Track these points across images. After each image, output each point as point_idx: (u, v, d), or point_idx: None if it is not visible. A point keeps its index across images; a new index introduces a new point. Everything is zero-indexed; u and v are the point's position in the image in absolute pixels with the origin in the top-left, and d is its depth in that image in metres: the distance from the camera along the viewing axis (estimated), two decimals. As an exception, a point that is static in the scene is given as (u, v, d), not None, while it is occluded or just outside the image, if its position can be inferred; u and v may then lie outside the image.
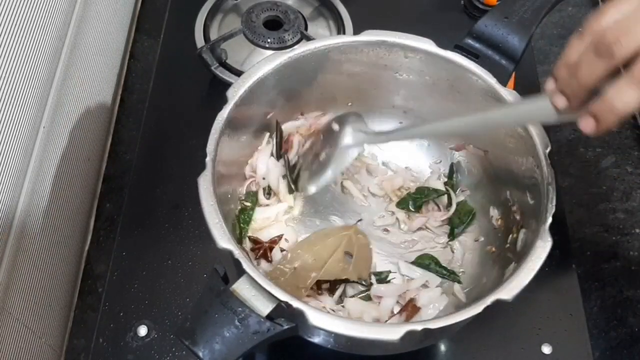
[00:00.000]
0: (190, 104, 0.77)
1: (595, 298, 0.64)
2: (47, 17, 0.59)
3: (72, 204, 0.67)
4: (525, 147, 0.53)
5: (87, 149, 0.71)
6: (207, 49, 0.75)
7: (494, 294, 0.43)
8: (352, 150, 0.58)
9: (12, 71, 0.53)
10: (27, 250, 0.57)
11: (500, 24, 0.57)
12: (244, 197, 0.61)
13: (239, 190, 0.61)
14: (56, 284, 0.63)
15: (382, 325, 0.48)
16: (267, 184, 0.63)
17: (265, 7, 0.80)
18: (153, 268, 0.64)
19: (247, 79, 0.54)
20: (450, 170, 0.66)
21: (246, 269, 0.43)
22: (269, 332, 0.43)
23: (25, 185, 0.56)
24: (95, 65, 0.74)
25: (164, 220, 0.67)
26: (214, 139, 0.51)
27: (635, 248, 0.68)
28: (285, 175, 0.62)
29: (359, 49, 0.59)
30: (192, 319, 0.43)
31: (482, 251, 0.60)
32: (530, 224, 0.51)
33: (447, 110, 0.62)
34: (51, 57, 0.61)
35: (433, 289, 0.57)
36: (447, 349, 0.61)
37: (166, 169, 0.71)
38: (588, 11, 0.90)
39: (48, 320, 0.61)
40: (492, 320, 0.61)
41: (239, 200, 0.61)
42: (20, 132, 0.55)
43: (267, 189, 0.63)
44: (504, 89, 0.55)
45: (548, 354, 0.60)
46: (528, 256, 0.46)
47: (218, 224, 0.46)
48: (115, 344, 0.59)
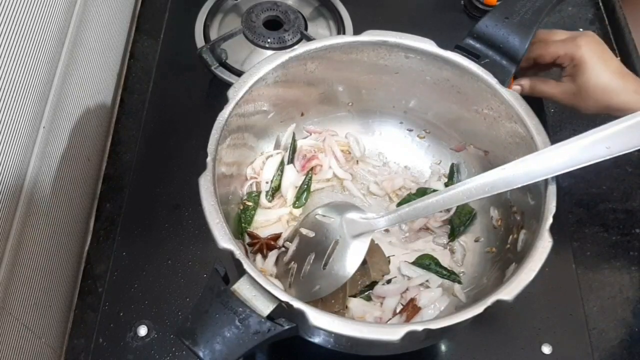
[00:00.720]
0: (191, 104, 0.77)
1: (595, 298, 0.64)
2: (47, 17, 0.59)
3: (72, 204, 0.67)
4: (526, 147, 0.53)
5: (87, 149, 0.71)
6: (207, 49, 0.75)
7: (494, 294, 0.43)
8: (364, 238, 0.55)
9: (12, 71, 0.53)
10: (27, 250, 0.57)
11: (501, 24, 0.57)
12: (246, 197, 0.61)
13: (240, 191, 0.61)
14: (56, 284, 0.63)
15: (383, 326, 0.48)
16: (269, 187, 0.63)
17: (265, 7, 0.80)
18: (153, 268, 0.64)
19: (248, 79, 0.54)
20: (450, 170, 0.66)
21: (247, 269, 0.43)
22: (270, 332, 0.42)
23: (26, 185, 0.56)
24: (95, 65, 0.74)
25: (164, 220, 0.67)
26: (215, 139, 0.51)
27: (635, 248, 0.68)
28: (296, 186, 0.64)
29: (360, 49, 0.59)
30: (193, 319, 0.43)
31: (483, 252, 0.60)
32: (531, 224, 0.51)
33: (448, 111, 0.62)
34: (51, 57, 0.61)
35: (434, 290, 0.57)
36: (447, 349, 0.61)
37: (166, 169, 0.71)
38: (588, 11, 0.90)
39: (48, 320, 0.61)
40: (492, 320, 0.61)
41: (241, 200, 0.61)
42: (20, 132, 0.55)
43: (271, 191, 0.63)
44: (504, 90, 0.55)
45: (548, 354, 0.60)
46: (528, 257, 0.46)
47: (219, 224, 0.46)
48: (115, 344, 0.59)
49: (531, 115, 0.53)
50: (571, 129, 0.78)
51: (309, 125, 0.67)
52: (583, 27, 0.87)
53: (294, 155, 0.65)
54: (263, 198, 0.62)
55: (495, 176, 0.50)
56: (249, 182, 0.62)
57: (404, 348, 0.50)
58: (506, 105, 0.55)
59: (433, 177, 0.66)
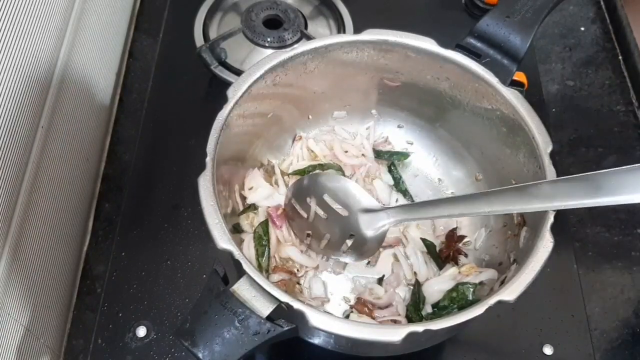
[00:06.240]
0: (190, 104, 0.76)
1: (596, 299, 0.64)
2: (45, 16, 0.59)
3: (70, 204, 0.67)
4: (527, 148, 0.53)
5: (85, 149, 0.71)
6: (207, 48, 0.74)
7: (496, 294, 0.43)
8: (380, 233, 0.56)
9: (11, 70, 0.52)
10: (26, 251, 0.56)
11: (502, 23, 0.57)
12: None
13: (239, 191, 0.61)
14: (55, 285, 0.63)
15: (383, 327, 0.48)
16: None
17: (265, 6, 0.80)
18: (152, 268, 0.63)
19: (247, 78, 0.54)
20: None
21: (246, 270, 0.43)
22: (269, 333, 0.42)
23: (24, 185, 0.56)
24: (94, 65, 0.73)
25: (163, 220, 0.66)
26: (214, 139, 0.50)
27: (637, 248, 0.68)
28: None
29: (360, 48, 0.58)
30: (192, 320, 0.43)
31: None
32: (532, 224, 0.51)
33: (448, 111, 0.62)
34: (50, 57, 0.61)
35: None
36: (448, 350, 0.60)
37: (165, 169, 0.70)
38: (590, 10, 0.89)
39: (46, 320, 0.61)
40: (493, 320, 0.61)
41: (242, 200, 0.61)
42: (19, 132, 0.54)
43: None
44: (505, 89, 0.55)
45: (549, 354, 0.60)
46: (530, 257, 0.45)
47: (218, 224, 0.45)
48: (114, 345, 0.59)
49: (532, 114, 0.53)
50: (572, 129, 0.77)
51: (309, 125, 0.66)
52: (584, 26, 0.87)
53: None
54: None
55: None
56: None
57: (405, 349, 0.50)
58: (507, 105, 0.55)
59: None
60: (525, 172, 0.54)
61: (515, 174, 0.56)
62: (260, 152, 0.64)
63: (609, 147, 0.76)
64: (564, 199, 0.46)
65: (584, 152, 0.76)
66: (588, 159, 0.75)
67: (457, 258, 0.59)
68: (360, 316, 0.56)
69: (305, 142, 0.66)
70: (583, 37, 0.87)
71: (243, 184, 0.61)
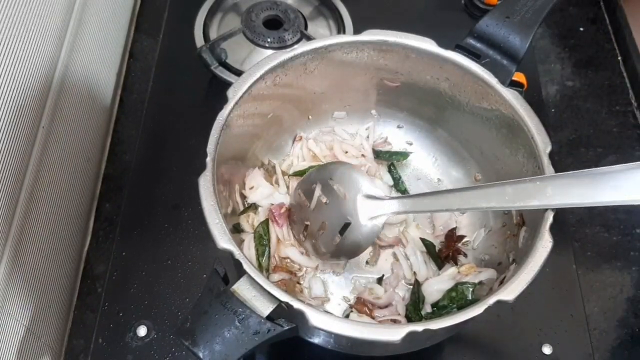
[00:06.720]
0: (190, 104, 0.76)
1: (596, 299, 0.64)
2: (46, 16, 0.59)
3: (71, 204, 0.67)
4: (526, 148, 0.53)
5: (86, 149, 0.71)
6: (207, 49, 0.75)
7: (495, 294, 0.43)
8: (377, 222, 0.54)
9: (11, 71, 0.53)
10: (26, 251, 0.57)
11: (502, 23, 0.57)
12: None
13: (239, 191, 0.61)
14: (55, 285, 0.63)
15: (383, 326, 0.48)
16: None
17: (265, 7, 0.80)
18: (152, 268, 0.63)
19: (248, 79, 0.54)
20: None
21: (247, 270, 0.43)
22: (270, 333, 0.42)
23: (25, 185, 0.56)
24: (95, 65, 0.73)
25: (164, 220, 0.67)
26: (214, 139, 0.50)
27: (636, 248, 0.68)
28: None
29: (360, 48, 0.58)
30: (192, 320, 0.43)
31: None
32: (532, 224, 0.51)
33: (448, 111, 0.62)
34: (50, 57, 0.61)
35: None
36: (448, 350, 0.61)
37: (166, 169, 0.70)
38: (589, 10, 0.89)
39: (47, 320, 0.61)
40: (493, 320, 0.61)
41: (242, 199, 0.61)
42: (20, 133, 0.54)
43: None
44: (505, 89, 0.55)
45: (548, 354, 0.60)
46: (529, 257, 0.45)
47: (218, 224, 0.45)
48: (114, 345, 0.59)
49: (531, 114, 0.53)
50: (571, 129, 0.78)
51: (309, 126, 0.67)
52: (584, 26, 0.87)
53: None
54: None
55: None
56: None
57: (404, 348, 0.50)
58: (506, 105, 0.55)
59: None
60: (525, 172, 0.54)
61: (514, 174, 0.56)
62: (261, 152, 0.64)
63: (608, 148, 0.76)
64: (563, 197, 0.46)
65: (583, 152, 0.76)
66: (587, 159, 0.75)
67: (456, 258, 0.59)
68: (360, 316, 0.56)
69: (306, 143, 0.66)
70: (582, 37, 0.87)
71: (243, 184, 0.61)
